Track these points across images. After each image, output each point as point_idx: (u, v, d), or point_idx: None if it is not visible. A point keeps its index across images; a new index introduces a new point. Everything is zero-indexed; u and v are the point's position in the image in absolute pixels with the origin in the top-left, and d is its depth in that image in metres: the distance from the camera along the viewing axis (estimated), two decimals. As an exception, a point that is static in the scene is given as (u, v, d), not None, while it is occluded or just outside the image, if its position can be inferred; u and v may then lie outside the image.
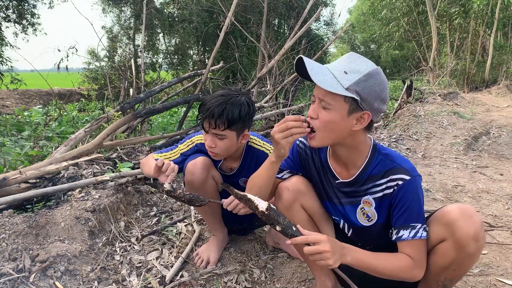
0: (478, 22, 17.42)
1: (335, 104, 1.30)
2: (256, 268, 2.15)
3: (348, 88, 1.26)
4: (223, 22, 5.00)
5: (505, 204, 3.19)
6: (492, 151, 5.48)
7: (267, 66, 5.60)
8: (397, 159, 1.42)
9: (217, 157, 1.98)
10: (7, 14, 17.42)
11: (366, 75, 1.28)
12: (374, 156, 1.44)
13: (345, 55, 1.38)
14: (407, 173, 1.37)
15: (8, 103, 14.83)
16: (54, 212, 2.26)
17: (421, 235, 1.35)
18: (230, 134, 1.85)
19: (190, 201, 1.61)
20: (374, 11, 21.72)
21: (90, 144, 3.18)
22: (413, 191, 1.37)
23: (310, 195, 1.62)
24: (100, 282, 1.93)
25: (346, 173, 1.49)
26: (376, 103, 1.30)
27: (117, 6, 19.50)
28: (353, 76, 1.27)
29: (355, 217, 1.52)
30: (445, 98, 10.61)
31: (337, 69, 1.31)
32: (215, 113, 1.78)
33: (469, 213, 1.30)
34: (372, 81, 1.28)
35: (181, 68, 19.92)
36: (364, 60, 1.33)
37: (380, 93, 1.30)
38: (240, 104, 1.84)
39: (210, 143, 1.87)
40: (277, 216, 1.31)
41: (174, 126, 6.09)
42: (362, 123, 1.33)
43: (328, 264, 1.25)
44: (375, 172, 1.43)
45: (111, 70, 11.72)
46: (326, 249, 1.24)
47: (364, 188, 1.46)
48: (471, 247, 1.28)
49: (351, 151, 1.43)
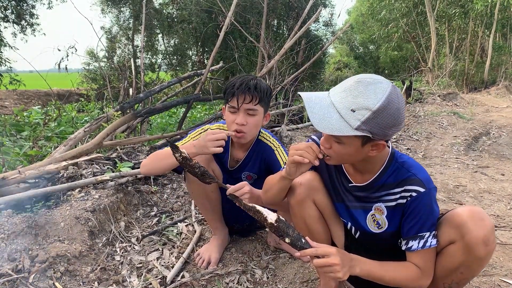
0: (477, 23, 17.45)
1: (346, 140, 1.26)
2: (258, 269, 2.13)
3: (358, 128, 1.18)
4: (223, 22, 4.99)
5: (507, 204, 3.18)
6: (492, 151, 5.48)
7: (266, 66, 5.60)
8: (413, 168, 1.38)
9: (243, 139, 1.95)
10: (6, 14, 17.38)
11: (376, 111, 1.16)
12: (390, 165, 1.40)
13: (353, 81, 1.23)
14: (422, 185, 1.34)
15: (7, 103, 14.79)
16: (53, 212, 2.24)
17: (430, 244, 1.33)
18: (260, 110, 1.92)
19: (202, 174, 1.55)
20: (373, 12, 21.74)
21: (89, 143, 3.16)
22: (427, 204, 1.34)
23: (323, 192, 1.59)
24: (100, 282, 1.91)
25: (360, 178, 1.47)
26: (391, 131, 1.22)
27: (116, 7, 19.46)
28: (361, 114, 1.17)
29: (364, 222, 1.50)
30: (444, 99, 10.62)
31: (344, 106, 1.20)
32: (250, 85, 1.85)
33: (480, 216, 1.27)
34: (383, 115, 1.17)
35: (180, 69, 19.89)
36: (373, 89, 1.18)
37: (395, 121, 1.20)
38: (265, 83, 1.93)
39: (242, 120, 1.88)
40: (287, 228, 1.29)
41: (173, 126, 6.07)
42: (378, 149, 1.30)
43: (337, 276, 1.24)
44: (390, 180, 1.40)
45: (110, 70, 11.71)
46: (335, 262, 1.23)
47: (377, 195, 1.44)
48: (480, 250, 1.26)
49: (367, 163, 1.41)
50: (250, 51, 15.00)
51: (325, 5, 20.61)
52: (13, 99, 15.74)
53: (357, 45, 34.84)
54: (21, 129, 4.24)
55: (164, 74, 12.83)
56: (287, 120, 5.98)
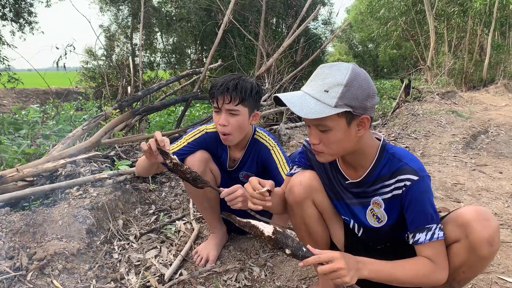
0: (476, 22, 17.46)
1: (331, 124, 1.27)
2: (256, 266, 2.13)
3: (336, 105, 1.22)
4: (221, 20, 4.98)
5: (505, 202, 3.19)
6: (491, 149, 5.49)
7: (265, 64, 5.59)
8: (404, 158, 1.38)
9: (228, 141, 1.95)
10: (4, 12, 17.34)
11: (347, 84, 1.22)
12: (382, 156, 1.40)
13: (315, 73, 1.31)
14: (415, 173, 1.33)
15: (5, 102, 14.78)
16: (51, 210, 2.24)
17: (438, 236, 1.31)
18: (243, 110, 1.88)
19: (194, 179, 1.53)
20: (372, 10, 21.75)
21: (88, 141, 3.16)
22: (422, 191, 1.33)
23: (322, 192, 1.59)
24: (98, 280, 1.91)
25: (355, 174, 1.46)
26: (368, 102, 1.26)
27: (115, 5, 19.42)
28: (335, 91, 1.22)
29: (364, 217, 1.49)
30: (443, 97, 10.64)
31: (317, 91, 1.26)
32: (230, 86, 1.84)
33: (486, 216, 1.26)
34: (355, 86, 1.23)
35: (179, 67, 19.87)
36: (336, 68, 1.26)
37: (368, 91, 1.26)
38: (251, 82, 1.91)
39: (223, 121, 1.87)
40: (285, 239, 1.23)
41: (172, 125, 6.06)
42: (364, 127, 1.31)
43: (344, 281, 1.20)
44: (384, 172, 1.40)
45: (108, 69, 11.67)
46: (340, 266, 1.19)
47: (373, 189, 1.43)
48: (484, 250, 1.25)
49: (358, 155, 1.41)
50: (249, 50, 14.97)
51: (324, 3, 20.61)
52: (12, 97, 15.73)
53: (356, 44, 34.87)
54: (19, 127, 4.22)
55: (162, 73, 12.81)
56: (285, 119, 5.98)
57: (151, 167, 1.89)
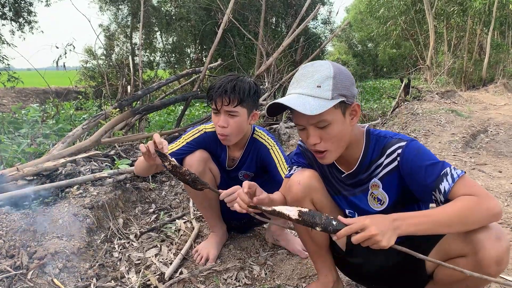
0: (475, 21, 17.45)
1: (330, 118, 1.30)
2: (256, 265, 2.14)
3: (333, 97, 1.27)
4: (221, 20, 4.98)
5: (504, 201, 3.19)
6: (490, 148, 5.49)
7: (265, 63, 5.60)
8: (388, 134, 1.43)
9: (227, 141, 1.95)
10: (4, 11, 17.32)
11: (335, 76, 1.28)
12: (369, 140, 1.44)
13: (299, 74, 1.35)
14: (401, 141, 1.37)
15: (5, 101, 14.76)
16: (51, 209, 2.24)
17: (458, 174, 1.25)
18: (241, 111, 1.88)
19: (193, 181, 1.52)
20: (371, 10, 21.71)
21: (88, 141, 3.16)
22: (417, 149, 1.34)
23: (322, 191, 1.59)
24: (99, 279, 1.92)
25: (349, 166, 1.48)
26: (354, 90, 1.34)
27: (114, 4, 19.41)
28: (327, 84, 1.28)
29: (367, 205, 1.49)
30: (442, 97, 10.63)
31: (310, 88, 1.29)
32: (228, 88, 1.83)
33: (497, 235, 1.20)
34: (341, 76, 1.30)
35: (179, 67, 19.86)
36: (317, 64, 1.32)
37: (351, 79, 1.34)
38: (248, 82, 1.91)
39: (223, 123, 1.87)
40: (312, 218, 1.23)
41: (171, 124, 6.06)
42: (356, 115, 1.37)
43: (382, 246, 1.15)
44: (375, 155, 1.43)
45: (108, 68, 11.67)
46: (373, 232, 1.15)
47: (369, 173, 1.45)
48: (491, 269, 1.20)
49: (350, 146, 1.43)
50: (249, 49, 14.98)
51: (324, 3, 20.62)
52: (11, 96, 15.70)
53: (356, 43, 34.84)
54: (19, 126, 4.22)
55: (162, 72, 12.80)
56: (285, 118, 5.98)
57: (150, 167, 1.89)
